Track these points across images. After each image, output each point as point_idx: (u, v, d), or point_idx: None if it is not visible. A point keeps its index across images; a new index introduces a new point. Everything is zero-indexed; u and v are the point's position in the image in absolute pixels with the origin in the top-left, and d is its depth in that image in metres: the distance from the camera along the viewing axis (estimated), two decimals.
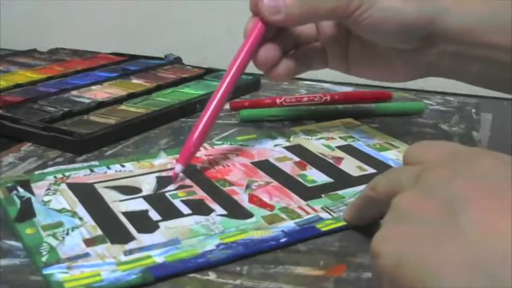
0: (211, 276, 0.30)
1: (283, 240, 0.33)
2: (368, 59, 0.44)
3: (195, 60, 0.71)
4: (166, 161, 0.42)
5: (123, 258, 0.31)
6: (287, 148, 0.46)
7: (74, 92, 0.58)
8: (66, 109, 0.53)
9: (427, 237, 0.23)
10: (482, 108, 0.59)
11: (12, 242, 0.33)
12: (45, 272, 0.29)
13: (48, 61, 0.72)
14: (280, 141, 0.47)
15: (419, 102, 0.59)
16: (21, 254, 0.32)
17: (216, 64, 0.69)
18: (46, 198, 0.36)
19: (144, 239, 0.32)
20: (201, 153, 0.44)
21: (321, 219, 0.35)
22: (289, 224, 0.34)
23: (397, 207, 0.25)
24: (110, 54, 0.75)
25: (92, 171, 0.40)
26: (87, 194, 0.37)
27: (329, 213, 0.36)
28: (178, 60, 0.72)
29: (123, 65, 0.70)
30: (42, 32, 0.86)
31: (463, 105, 0.60)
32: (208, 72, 0.67)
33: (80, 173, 0.40)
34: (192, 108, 0.56)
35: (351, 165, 0.43)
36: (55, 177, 0.39)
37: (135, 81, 0.63)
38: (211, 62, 0.73)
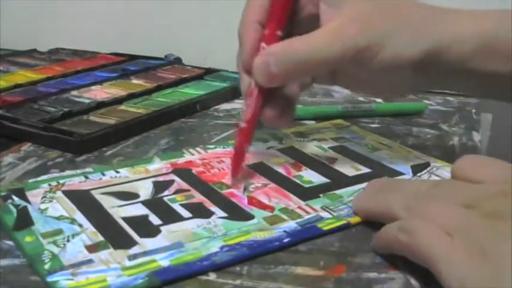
0: (211, 276, 0.30)
1: (286, 240, 0.33)
2: (354, 81, 0.42)
3: (195, 60, 0.71)
4: (161, 166, 0.42)
5: (128, 263, 0.30)
6: (280, 150, 0.46)
7: (74, 92, 0.59)
8: (66, 109, 0.53)
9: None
10: (482, 108, 0.59)
11: (12, 243, 0.33)
12: (50, 279, 0.29)
13: (48, 61, 0.72)
14: (273, 143, 0.47)
15: (419, 102, 0.59)
16: (21, 254, 0.32)
17: (216, 64, 0.69)
18: (43, 206, 0.36)
19: (147, 243, 0.32)
20: (195, 158, 0.44)
21: (321, 218, 0.35)
22: (290, 224, 0.34)
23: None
24: (110, 54, 0.75)
25: (86, 178, 0.40)
26: (84, 201, 0.37)
27: (329, 213, 0.36)
28: (178, 60, 0.72)
29: (123, 65, 0.70)
30: (42, 32, 0.86)
31: (463, 105, 0.60)
32: (208, 72, 0.67)
33: (75, 180, 0.40)
34: (192, 108, 0.56)
35: (345, 166, 0.43)
36: (49, 184, 0.39)
37: (135, 81, 0.63)
38: (211, 62, 0.73)
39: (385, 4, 0.38)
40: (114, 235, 0.33)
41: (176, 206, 0.36)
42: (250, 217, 0.35)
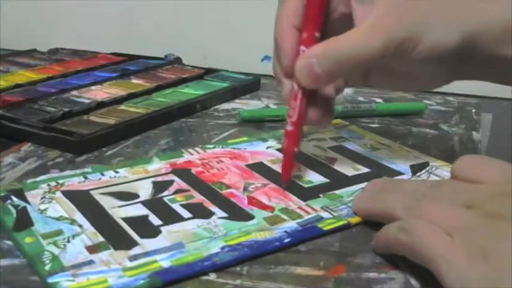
0: (211, 276, 0.30)
1: (286, 240, 0.33)
2: (389, 77, 0.42)
3: (195, 60, 0.71)
4: (160, 166, 0.42)
5: (129, 263, 0.30)
6: (280, 150, 0.46)
7: (74, 92, 0.58)
8: (66, 109, 0.53)
9: None
10: (482, 108, 0.59)
11: (12, 243, 0.33)
12: (50, 280, 0.29)
13: (48, 61, 0.72)
14: (272, 143, 0.47)
15: (419, 102, 0.59)
16: (21, 254, 0.32)
17: (216, 64, 0.69)
18: (42, 207, 0.36)
19: (147, 244, 0.32)
20: (195, 157, 0.44)
21: (321, 218, 0.35)
22: (291, 225, 0.34)
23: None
24: (110, 54, 0.75)
25: (85, 178, 0.40)
26: (83, 201, 0.37)
27: (329, 213, 0.36)
28: (178, 60, 0.72)
29: (123, 65, 0.70)
30: (42, 32, 0.86)
31: (463, 105, 0.60)
32: (208, 72, 0.67)
33: (74, 180, 0.40)
34: (192, 108, 0.56)
35: (344, 165, 0.43)
36: (49, 185, 0.39)
37: (135, 81, 0.63)
38: (211, 62, 0.73)
39: None
40: (114, 236, 0.33)
41: (176, 206, 0.36)
42: (250, 217, 0.35)
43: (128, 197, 0.38)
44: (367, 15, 0.37)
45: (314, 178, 0.41)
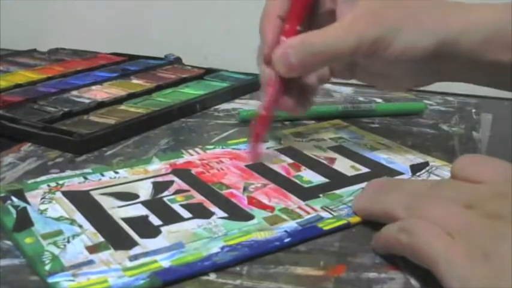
0: (211, 276, 0.30)
1: (286, 240, 0.33)
2: (371, 74, 0.43)
3: (195, 60, 0.71)
4: (160, 167, 0.42)
5: (129, 263, 0.30)
6: (279, 150, 0.46)
7: (74, 92, 0.59)
8: (66, 109, 0.53)
9: None
10: (482, 108, 0.59)
11: (12, 243, 0.33)
12: (50, 280, 0.29)
13: (48, 61, 0.72)
14: (272, 144, 0.47)
15: (419, 102, 0.59)
16: (21, 254, 0.32)
17: (216, 64, 0.69)
18: (42, 207, 0.36)
19: (147, 244, 0.32)
20: (194, 158, 0.44)
21: (321, 218, 0.35)
22: (291, 225, 0.34)
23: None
24: (110, 54, 0.75)
25: (85, 178, 0.40)
26: (83, 202, 0.37)
27: (329, 212, 0.36)
28: (178, 60, 0.72)
29: (123, 65, 0.70)
30: (42, 32, 0.86)
31: (463, 105, 0.60)
32: (208, 72, 0.67)
33: (74, 181, 0.40)
34: (192, 108, 0.56)
35: (344, 165, 0.43)
36: (49, 185, 0.39)
37: (135, 81, 0.63)
38: (211, 62, 0.73)
39: None
40: (114, 236, 0.33)
41: (176, 207, 0.36)
42: (250, 217, 0.35)
43: (127, 197, 0.38)
44: (348, 13, 0.39)
45: (314, 178, 0.41)
